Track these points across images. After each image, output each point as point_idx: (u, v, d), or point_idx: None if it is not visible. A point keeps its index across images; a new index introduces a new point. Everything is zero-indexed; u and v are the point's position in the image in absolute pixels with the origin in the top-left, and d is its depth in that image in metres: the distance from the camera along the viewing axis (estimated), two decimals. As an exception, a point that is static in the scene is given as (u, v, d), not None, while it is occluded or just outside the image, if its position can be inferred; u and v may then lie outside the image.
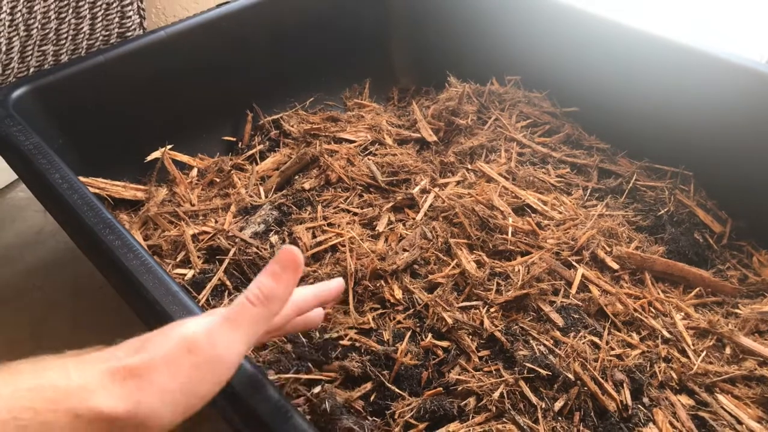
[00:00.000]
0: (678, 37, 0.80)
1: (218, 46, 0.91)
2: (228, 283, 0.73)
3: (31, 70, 0.80)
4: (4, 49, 0.72)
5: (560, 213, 0.78)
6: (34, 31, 0.75)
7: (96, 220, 0.58)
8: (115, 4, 0.84)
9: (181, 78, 0.89)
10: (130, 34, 0.89)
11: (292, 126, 0.95)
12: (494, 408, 0.60)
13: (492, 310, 0.68)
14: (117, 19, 0.86)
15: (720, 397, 0.61)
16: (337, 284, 0.57)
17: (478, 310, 0.68)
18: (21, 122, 0.71)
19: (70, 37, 0.81)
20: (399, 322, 0.69)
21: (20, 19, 0.72)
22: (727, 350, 0.65)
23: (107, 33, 0.86)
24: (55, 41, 0.79)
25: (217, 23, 0.90)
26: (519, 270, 0.70)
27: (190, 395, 0.37)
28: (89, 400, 0.34)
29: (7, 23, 0.70)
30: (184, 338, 0.38)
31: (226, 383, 0.41)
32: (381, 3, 1.06)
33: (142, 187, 0.85)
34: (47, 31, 0.78)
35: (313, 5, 1.00)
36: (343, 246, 0.74)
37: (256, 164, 0.90)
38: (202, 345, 0.38)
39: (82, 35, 0.83)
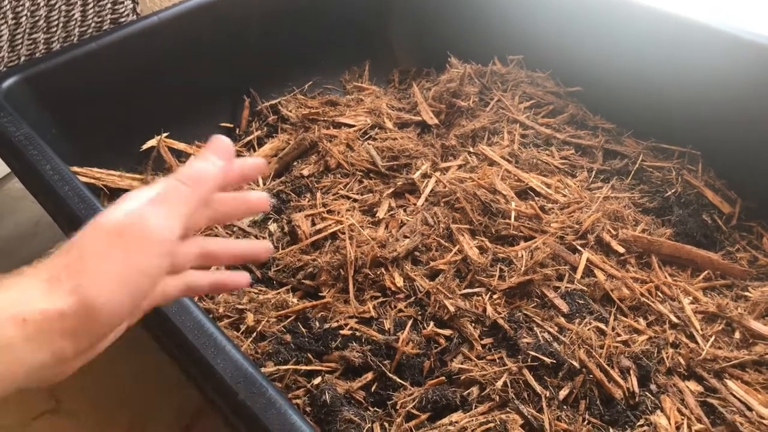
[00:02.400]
0: (684, 12, 0.77)
1: (213, 31, 0.89)
2: (226, 272, 0.72)
3: (22, 59, 0.78)
4: (-8, 37, 0.71)
5: (564, 196, 0.76)
6: (23, 18, 0.73)
7: (87, 212, 0.57)
8: (107, -10, 0.82)
9: (176, 64, 0.87)
10: (123, 20, 0.87)
11: (290, 111, 0.93)
12: (498, 397, 0.59)
13: (495, 297, 0.67)
14: (109, 5, 0.85)
15: (729, 382, 0.60)
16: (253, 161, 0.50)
17: (480, 297, 0.67)
18: (12, 113, 0.69)
19: (61, 25, 0.79)
20: (400, 310, 0.67)
21: (8, 6, 0.70)
22: (737, 335, 0.64)
23: (99, 19, 0.84)
24: (45, 29, 0.78)
25: (212, 7, 0.88)
26: (522, 255, 0.69)
27: (131, 273, 0.37)
28: (33, 304, 0.34)
29: (-6, 12, 0.68)
30: (113, 225, 0.37)
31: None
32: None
33: (138, 176, 0.84)
34: (37, 18, 0.76)
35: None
36: (343, 233, 0.73)
37: (254, 151, 0.89)
38: (131, 225, 0.38)
39: (74, 22, 0.81)
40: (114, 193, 0.81)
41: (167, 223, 0.39)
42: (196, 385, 0.52)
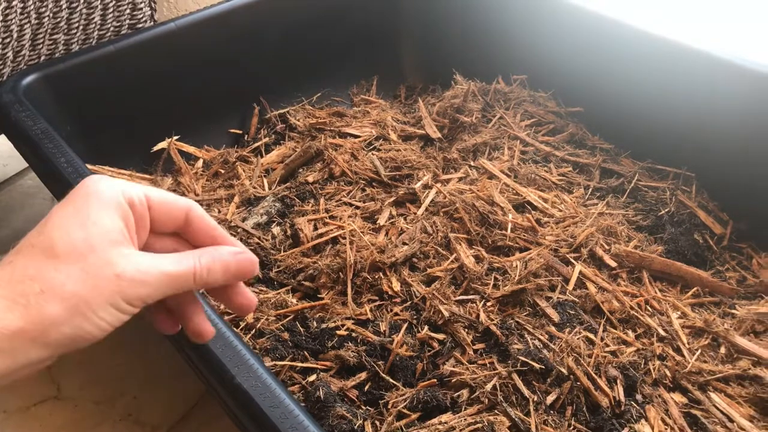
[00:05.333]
0: (682, 38, 0.80)
1: (228, 40, 0.92)
2: (229, 271, 0.74)
3: (42, 58, 0.81)
4: (15, 36, 0.74)
5: (560, 211, 0.79)
6: (46, 19, 0.76)
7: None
8: (126, -4, 0.86)
9: (190, 70, 0.90)
10: (140, 25, 0.90)
11: (298, 120, 0.96)
12: (487, 400, 0.60)
13: (488, 304, 0.68)
14: (128, 11, 0.88)
15: (713, 395, 0.61)
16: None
17: (474, 304, 0.68)
18: (30, 108, 0.72)
19: (81, 27, 0.82)
20: (396, 314, 0.69)
21: (32, 6, 0.73)
22: (722, 350, 0.65)
23: (118, 24, 0.87)
24: (66, 30, 0.81)
25: (228, 16, 0.91)
26: (517, 265, 0.71)
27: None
28: None
29: (18, 10, 0.71)
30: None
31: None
32: (392, 2, 1.07)
33: (147, 176, 0.86)
34: (59, 20, 0.79)
35: (324, 2, 1.01)
36: (344, 238, 0.75)
37: (261, 157, 0.91)
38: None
39: (93, 25, 0.84)
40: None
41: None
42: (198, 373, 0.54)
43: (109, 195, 0.39)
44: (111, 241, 0.38)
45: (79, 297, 0.36)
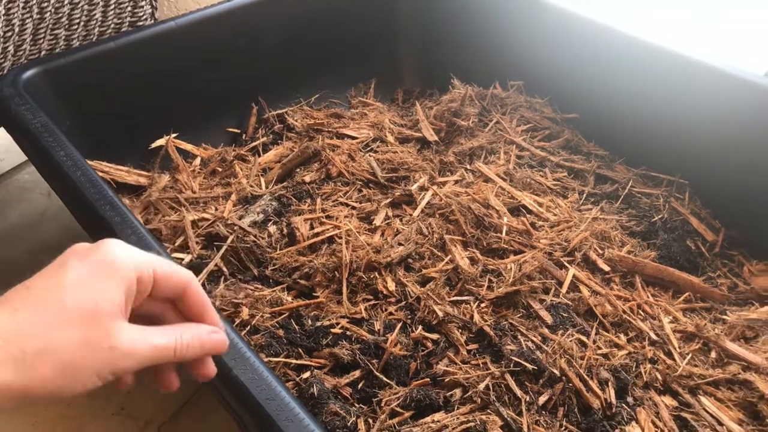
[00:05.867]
0: (678, 47, 0.81)
1: (227, 40, 0.93)
2: (225, 269, 0.74)
3: (43, 52, 0.82)
4: (17, 30, 0.74)
5: (555, 215, 0.79)
6: (48, 14, 0.77)
7: (97, 197, 0.60)
8: (128, -6, 0.86)
9: (189, 69, 0.91)
10: (141, 23, 0.90)
11: (296, 120, 0.97)
12: (479, 399, 0.61)
13: (482, 305, 0.69)
14: (129, 8, 0.88)
15: (703, 399, 0.62)
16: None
17: (468, 305, 0.69)
18: (30, 102, 0.72)
19: (82, 23, 0.83)
20: (390, 313, 0.70)
21: (34, 1, 0.74)
22: (713, 354, 0.66)
23: (119, 21, 0.88)
24: (67, 26, 0.81)
25: (228, 16, 0.91)
26: (511, 268, 0.72)
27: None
28: None
29: (21, 5, 0.72)
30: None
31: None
32: (391, 6, 1.08)
33: (145, 173, 0.86)
34: (60, 15, 0.79)
35: (323, 4, 1.02)
36: (340, 238, 0.75)
37: (259, 156, 0.92)
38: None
39: (95, 22, 0.84)
40: (121, 188, 0.84)
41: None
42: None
43: (123, 268, 0.41)
44: (112, 314, 0.40)
45: (72, 363, 0.38)
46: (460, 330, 0.67)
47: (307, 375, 0.64)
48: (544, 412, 0.60)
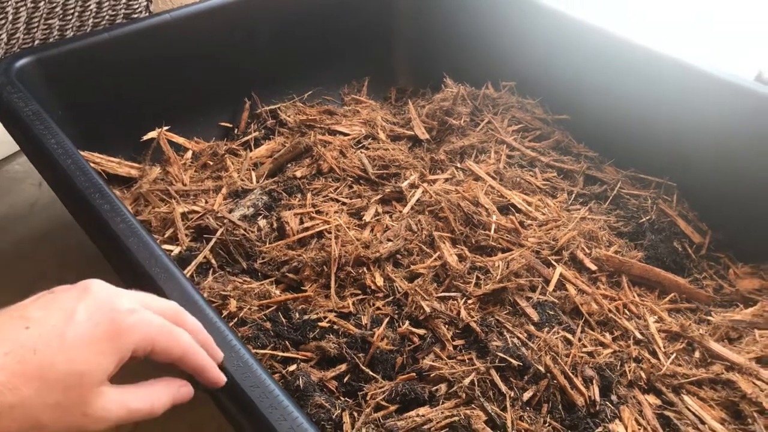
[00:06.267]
0: (668, 50, 0.82)
1: (222, 34, 0.93)
2: (213, 261, 0.74)
3: (36, 42, 0.82)
4: (11, 18, 0.74)
5: (543, 214, 0.80)
6: (42, 3, 0.77)
7: (87, 185, 0.60)
8: (123, -14, 0.87)
9: (183, 62, 0.91)
10: (135, 15, 0.90)
11: (289, 116, 0.97)
12: (464, 395, 0.61)
13: (470, 302, 0.69)
14: (124, 0, 0.88)
15: (686, 398, 0.62)
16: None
17: (456, 301, 0.69)
18: (22, 90, 0.72)
19: (76, 13, 0.83)
20: (378, 308, 0.70)
21: (28, -10, 0.74)
22: (697, 354, 0.66)
23: (114, 13, 0.88)
24: (61, 16, 0.81)
25: (223, 11, 0.92)
26: (499, 265, 0.72)
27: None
28: None
29: (15, -7, 0.72)
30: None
31: None
32: (387, 4, 1.08)
33: (136, 165, 0.86)
34: (54, 5, 0.80)
35: (320, 1, 1.02)
36: (330, 233, 0.76)
37: (251, 150, 0.92)
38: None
39: (89, 12, 0.84)
40: (112, 179, 0.84)
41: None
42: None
43: (125, 341, 0.40)
44: (95, 382, 0.39)
45: (40, 424, 0.37)
46: (446, 326, 0.67)
47: (293, 368, 0.64)
48: (528, 408, 0.61)
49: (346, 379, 0.64)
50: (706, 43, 0.87)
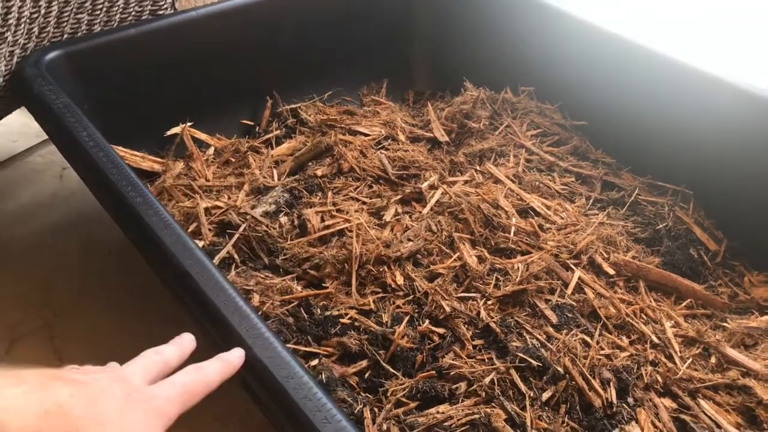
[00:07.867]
0: (688, 59, 0.82)
1: (246, 32, 0.94)
2: (236, 256, 0.75)
3: (65, 36, 0.83)
4: (43, 11, 0.75)
5: (562, 218, 0.81)
6: (73, -1, 0.78)
7: (119, 177, 0.61)
8: (149, -17, 0.88)
9: (208, 59, 0.92)
10: (161, 12, 0.92)
11: (309, 115, 0.98)
12: (484, 393, 0.62)
13: (489, 302, 0.70)
14: (151, -3, 0.90)
15: (702, 402, 0.63)
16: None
17: (475, 302, 0.70)
18: (52, 82, 0.74)
19: (104, 9, 0.84)
20: (398, 306, 0.71)
21: (61, -16, 0.75)
22: (713, 359, 0.67)
23: (140, 9, 0.89)
24: (90, 11, 0.82)
25: (248, 10, 0.93)
26: (518, 267, 0.73)
27: None
28: None
29: (48, -13, 0.73)
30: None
31: None
32: (406, 8, 1.10)
33: (159, 159, 0.88)
34: (84, 0, 0.81)
35: (342, 3, 1.03)
36: (350, 231, 0.76)
37: (272, 148, 0.93)
38: None
39: (117, 8, 0.85)
40: (135, 173, 0.85)
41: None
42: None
43: (169, 421, 0.43)
44: None
45: None
46: (466, 325, 0.68)
47: (315, 362, 0.65)
48: (546, 408, 0.62)
49: (367, 375, 0.65)
50: (726, 52, 0.88)
